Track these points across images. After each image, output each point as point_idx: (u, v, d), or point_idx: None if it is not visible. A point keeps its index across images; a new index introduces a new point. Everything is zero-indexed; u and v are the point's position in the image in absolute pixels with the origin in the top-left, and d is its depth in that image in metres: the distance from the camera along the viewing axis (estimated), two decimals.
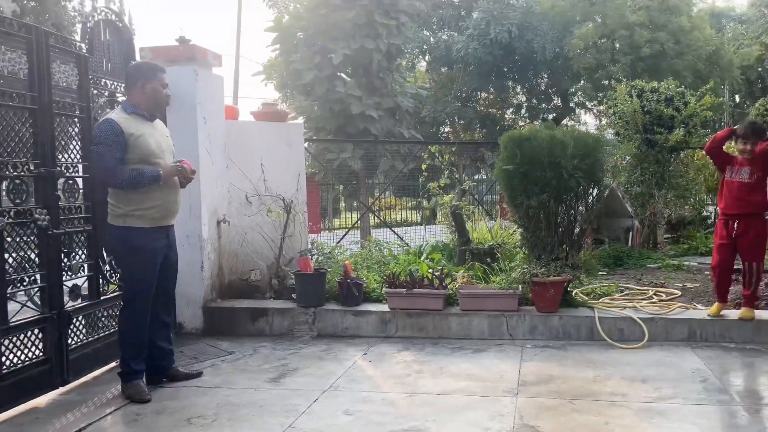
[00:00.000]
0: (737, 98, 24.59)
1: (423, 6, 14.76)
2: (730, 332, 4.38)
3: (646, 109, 8.45)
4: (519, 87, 21.12)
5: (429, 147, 11.34)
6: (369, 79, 13.06)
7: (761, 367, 3.85)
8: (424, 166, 10.80)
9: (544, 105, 21.59)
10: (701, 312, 4.62)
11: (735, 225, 4.48)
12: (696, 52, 18.23)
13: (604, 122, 13.82)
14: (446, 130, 20.97)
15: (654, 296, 5.34)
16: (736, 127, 4.56)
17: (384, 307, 4.84)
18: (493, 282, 5.02)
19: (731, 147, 5.16)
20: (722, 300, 4.55)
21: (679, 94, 8.60)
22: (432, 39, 19.74)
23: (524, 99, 21.75)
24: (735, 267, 4.79)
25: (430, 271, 5.04)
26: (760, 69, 23.24)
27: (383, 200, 12.95)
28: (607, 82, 17.02)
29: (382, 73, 13.24)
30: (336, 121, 12.78)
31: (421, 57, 20.36)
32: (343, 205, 14.35)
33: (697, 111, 8.31)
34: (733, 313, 4.53)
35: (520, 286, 4.72)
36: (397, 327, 4.74)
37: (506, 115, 21.82)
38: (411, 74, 18.60)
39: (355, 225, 10.93)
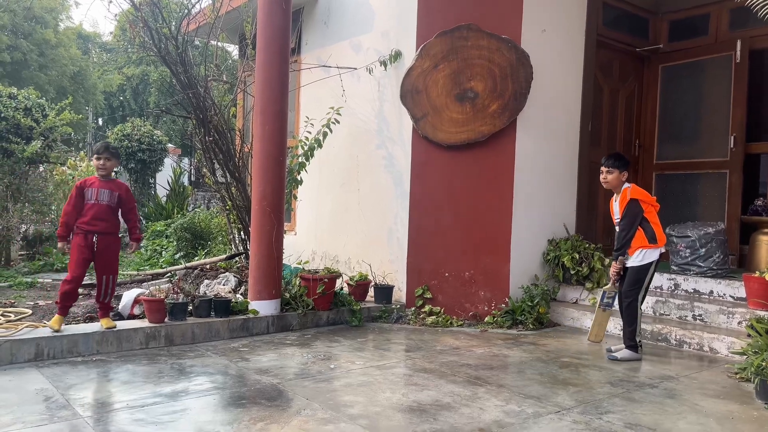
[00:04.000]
0: (101, 121, 25.79)
1: None
2: (77, 346, 4.42)
3: (2, 115, 7.85)
4: None
5: None
6: None
7: (105, 375, 4.02)
8: None
9: None
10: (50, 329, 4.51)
11: (95, 240, 4.63)
12: (61, 68, 18.21)
13: None
14: None
15: (1, 317, 4.96)
16: None
17: None
18: None
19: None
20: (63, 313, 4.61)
21: (38, 106, 8.34)
22: None
23: None
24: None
25: None
26: (122, 98, 25.10)
27: None
28: None
29: None
30: None
31: None
32: None
33: (56, 125, 8.22)
34: (77, 327, 4.64)
35: None
36: None
37: None
38: None
39: None
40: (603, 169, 4.90)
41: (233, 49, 10.85)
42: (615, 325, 5.60)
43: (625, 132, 7.80)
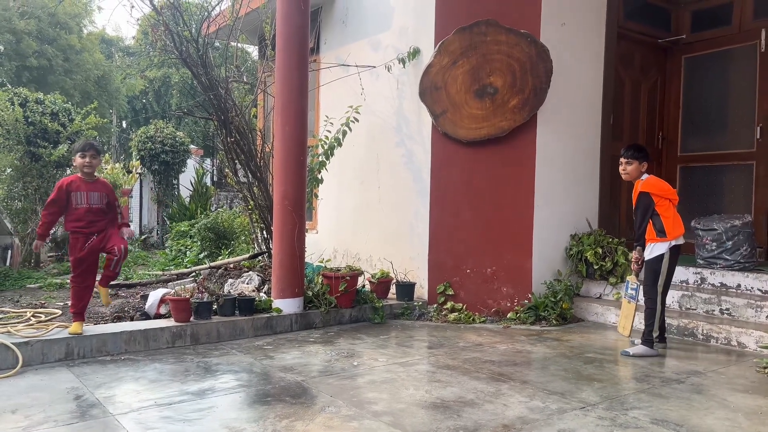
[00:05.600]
0: (124, 124, 26.15)
1: None
2: (106, 346, 4.51)
3: (30, 120, 8.00)
4: None
5: None
6: None
7: (134, 374, 4.09)
8: None
9: None
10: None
11: (95, 237, 4.60)
12: (85, 73, 18.50)
13: None
14: None
15: (32, 318, 5.07)
16: None
17: None
18: None
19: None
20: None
21: (65, 110, 8.49)
22: None
23: None
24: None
25: None
26: (144, 100, 25.43)
27: None
28: None
29: None
30: None
31: None
32: None
33: (82, 129, 8.37)
34: (105, 327, 4.72)
35: None
36: None
37: None
38: None
39: None
40: (622, 160, 4.86)
41: (253, 50, 10.94)
42: (642, 320, 5.53)
43: (648, 124, 7.70)
